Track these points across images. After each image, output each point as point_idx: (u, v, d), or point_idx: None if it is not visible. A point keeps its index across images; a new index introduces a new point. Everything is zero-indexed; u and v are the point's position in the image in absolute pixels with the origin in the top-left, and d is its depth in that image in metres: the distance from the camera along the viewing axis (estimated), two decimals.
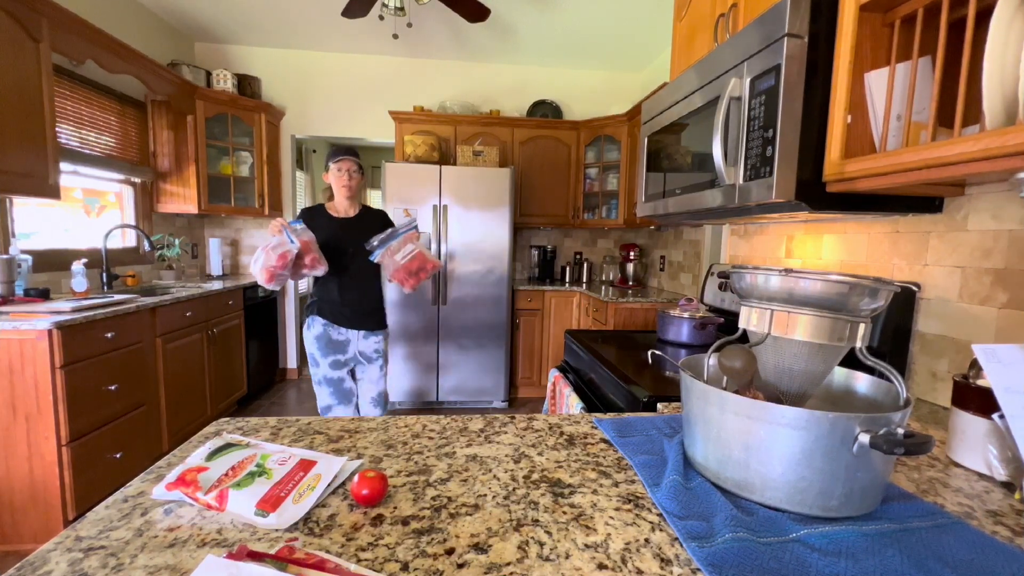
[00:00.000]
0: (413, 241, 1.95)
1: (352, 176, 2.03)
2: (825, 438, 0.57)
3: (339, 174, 2.01)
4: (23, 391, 1.82)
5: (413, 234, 1.97)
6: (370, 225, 2.05)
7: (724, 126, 1.13)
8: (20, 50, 2.01)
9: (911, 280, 1.16)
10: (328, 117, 4.05)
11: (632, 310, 3.02)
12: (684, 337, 1.72)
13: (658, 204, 1.59)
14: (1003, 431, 0.70)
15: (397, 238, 1.93)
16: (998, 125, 0.71)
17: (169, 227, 3.59)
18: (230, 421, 0.89)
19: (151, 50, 3.26)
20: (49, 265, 2.53)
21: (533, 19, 3.34)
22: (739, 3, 1.39)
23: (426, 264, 1.95)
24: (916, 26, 0.85)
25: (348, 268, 2.06)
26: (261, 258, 1.78)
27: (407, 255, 1.92)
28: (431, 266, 1.97)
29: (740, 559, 0.51)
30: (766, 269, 0.68)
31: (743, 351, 0.71)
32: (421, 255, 1.95)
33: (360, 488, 0.61)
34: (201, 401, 2.93)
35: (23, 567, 0.49)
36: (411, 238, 1.95)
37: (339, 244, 2.03)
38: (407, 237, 1.94)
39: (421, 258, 1.95)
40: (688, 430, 0.73)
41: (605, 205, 3.91)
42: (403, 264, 1.91)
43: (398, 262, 1.91)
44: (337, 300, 2.06)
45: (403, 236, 1.94)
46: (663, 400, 1.09)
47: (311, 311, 2.09)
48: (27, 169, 2.04)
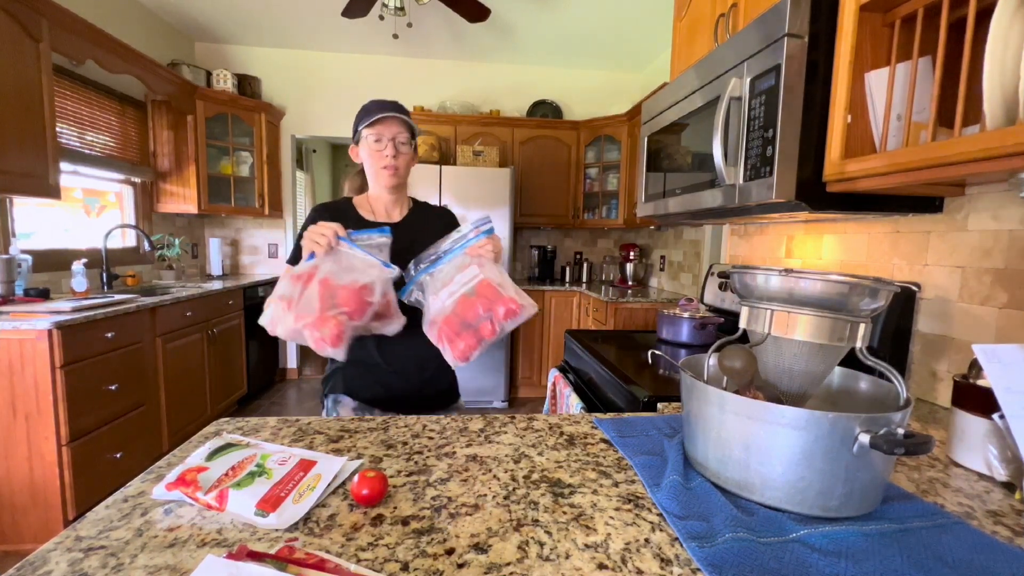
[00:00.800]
0: (480, 260, 1.00)
1: (399, 148, 1.18)
2: (825, 438, 0.57)
3: (376, 146, 1.17)
4: (23, 391, 1.82)
5: (481, 245, 1.00)
6: (428, 235, 1.13)
7: (724, 126, 1.13)
8: (20, 50, 2.01)
9: (911, 280, 1.16)
10: (328, 117, 4.05)
11: (632, 310, 3.02)
12: (684, 337, 1.72)
13: (658, 204, 1.59)
14: (1003, 431, 0.70)
15: (450, 256, 1.02)
16: (998, 125, 0.71)
17: (169, 227, 3.59)
18: (230, 421, 0.89)
19: (151, 50, 3.26)
20: (49, 265, 2.53)
21: (533, 19, 3.34)
22: (739, 3, 1.39)
23: (496, 305, 0.95)
24: (916, 26, 0.85)
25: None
26: (313, 300, 0.91)
27: (464, 286, 0.98)
28: (508, 310, 0.95)
29: (740, 559, 0.51)
30: (766, 269, 0.68)
31: (743, 351, 0.71)
32: (488, 287, 0.96)
33: (360, 488, 0.61)
34: (201, 401, 2.93)
35: (23, 567, 0.49)
36: (480, 253, 1.00)
37: None
38: (471, 251, 1.01)
39: (488, 293, 0.96)
40: (688, 430, 0.73)
41: (605, 205, 3.91)
42: (451, 307, 0.97)
43: (444, 304, 0.98)
44: (379, 363, 1.20)
45: (460, 251, 1.01)
46: (663, 400, 1.09)
47: (332, 386, 1.24)
48: (27, 169, 2.04)
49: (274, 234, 4.14)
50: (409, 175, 1.29)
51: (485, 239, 1.01)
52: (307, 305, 0.91)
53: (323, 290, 0.92)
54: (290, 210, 4.12)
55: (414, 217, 1.29)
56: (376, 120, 1.17)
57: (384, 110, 1.17)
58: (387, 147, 1.18)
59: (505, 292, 0.97)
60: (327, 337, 0.90)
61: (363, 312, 0.93)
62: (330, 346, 0.90)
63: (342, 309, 0.92)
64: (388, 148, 1.18)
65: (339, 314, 0.91)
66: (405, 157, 1.22)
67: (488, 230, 1.03)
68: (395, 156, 1.19)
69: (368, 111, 1.20)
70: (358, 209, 1.26)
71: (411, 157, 1.25)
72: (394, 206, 1.28)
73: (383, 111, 1.17)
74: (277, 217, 4.05)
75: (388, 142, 1.18)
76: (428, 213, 1.33)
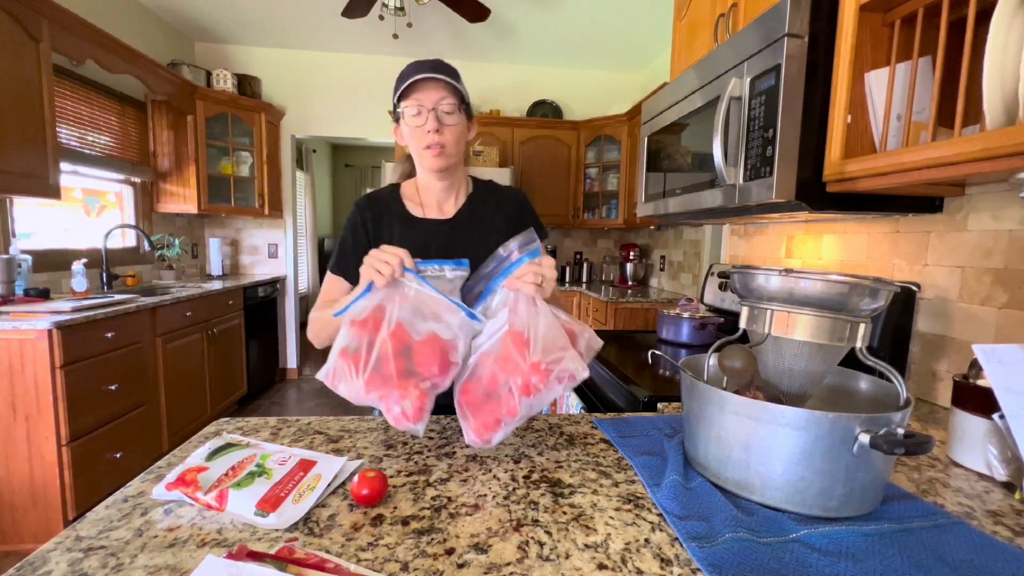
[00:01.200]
0: (516, 297, 0.76)
1: (444, 119, 0.92)
2: (825, 438, 0.57)
3: (415, 120, 0.92)
4: (23, 391, 1.82)
5: (520, 275, 0.75)
6: (486, 235, 1.00)
7: (724, 126, 1.13)
8: (20, 50, 2.01)
9: (911, 280, 1.16)
10: (328, 117, 4.05)
11: (632, 310, 3.02)
12: (684, 337, 1.72)
13: (658, 204, 1.59)
14: (1003, 431, 0.70)
15: (492, 285, 0.80)
16: (998, 125, 0.71)
17: (169, 227, 3.59)
18: (230, 421, 0.89)
19: (151, 50, 3.26)
20: (49, 265, 2.53)
21: (533, 19, 3.34)
22: (739, 3, 1.39)
23: (514, 374, 0.71)
24: (916, 26, 0.85)
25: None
26: (386, 359, 0.72)
27: (489, 339, 0.76)
28: (524, 384, 0.70)
29: (740, 559, 0.51)
30: (766, 269, 0.68)
31: (743, 351, 0.71)
32: (516, 341, 0.73)
33: (360, 488, 0.61)
34: (201, 401, 2.93)
35: (23, 567, 0.49)
36: (517, 287, 0.75)
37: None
38: (509, 283, 0.76)
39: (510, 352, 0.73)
40: (688, 430, 0.73)
41: (605, 205, 3.91)
42: (472, 367, 0.77)
43: (479, 350, 0.77)
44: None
45: (501, 280, 0.78)
46: (663, 400, 1.09)
47: None
48: (27, 169, 2.04)
49: (274, 234, 4.14)
50: (465, 151, 1.02)
51: (528, 264, 0.74)
52: (379, 366, 0.71)
53: (396, 345, 0.72)
54: (290, 210, 4.12)
55: (472, 209, 1.04)
56: (411, 86, 0.89)
57: (421, 71, 0.89)
58: (428, 120, 0.91)
59: (530, 353, 0.70)
60: (409, 412, 0.71)
61: (446, 374, 0.74)
62: (411, 422, 0.72)
63: (424, 375, 0.72)
64: (429, 121, 0.91)
65: (422, 381, 0.72)
66: (453, 130, 0.94)
67: (533, 251, 0.76)
68: (438, 130, 0.92)
69: (403, 76, 0.93)
70: (405, 202, 1.04)
71: (463, 128, 0.97)
72: (447, 195, 1.03)
73: (419, 72, 0.89)
74: (277, 217, 4.05)
75: (428, 113, 0.91)
76: (489, 201, 1.06)
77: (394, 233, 1.02)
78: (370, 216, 1.02)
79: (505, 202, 1.08)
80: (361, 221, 1.02)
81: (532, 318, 0.73)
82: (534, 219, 1.08)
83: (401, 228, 1.02)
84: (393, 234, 1.02)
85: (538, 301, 0.75)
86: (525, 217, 1.08)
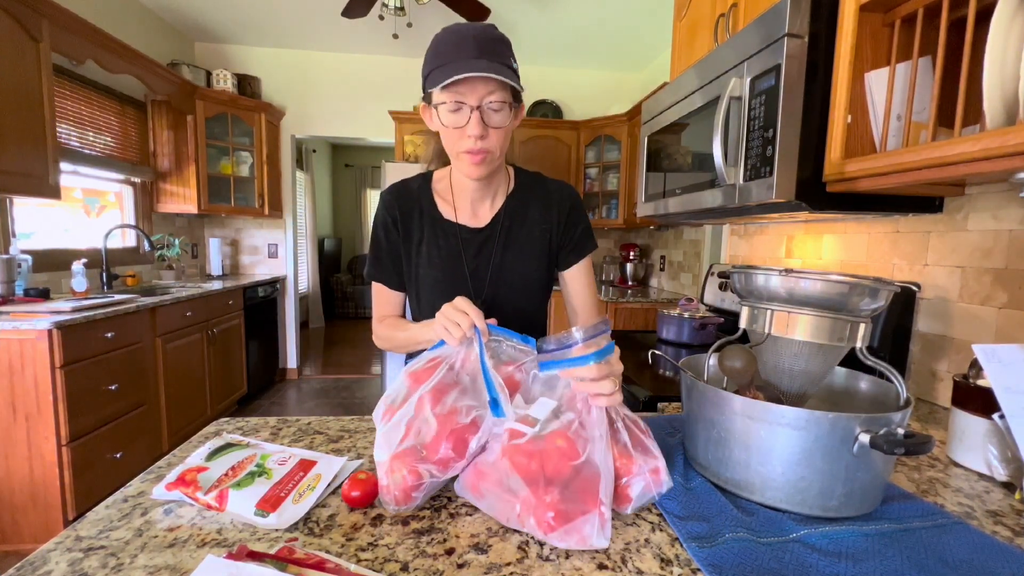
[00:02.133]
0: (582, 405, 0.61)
1: (491, 120, 0.78)
2: (825, 438, 0.57)
3: (454, 118, 0.78)
4: (23, 391, 1.82)
5: (596, 376, 0.59)
6: (523, 248, 0.94)
7: (724, 126, 1.13)
8: (20, 50, 2.01)
9: (911, 280, 1.16)
10: (328, 117, 4.05)
11: (632, 310, 3.02)
12: (684, 337, 1.72)
13: (658, 204, 1.59)
14: (1003, 431, 0.70)
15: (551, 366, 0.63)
16: (998, 125, 0.71)
17: (169, 227, 3.59)
18: (230, 421, 0.89)
19: (151, 50, 3.26)
20: (49, 265, 2.53)
21: (533, 19, 3.34)
22: (739, 3, 1.39)
23: (578, 534, 0.53)
24: (916, 26, 0.85)
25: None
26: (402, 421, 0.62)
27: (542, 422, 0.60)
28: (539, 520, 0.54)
29: (740, 559, 0.51)
30: (766, 269, 0.68)
31: (743, 351, 0.71)
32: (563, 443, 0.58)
33: (350, 490, 0.60)
34: (201, 401, 2.93)
35: (23, 567, 0.49)
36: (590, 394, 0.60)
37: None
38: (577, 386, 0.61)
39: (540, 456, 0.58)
40: (688, 430, 0.73)
41: (605, 205, 3.91)
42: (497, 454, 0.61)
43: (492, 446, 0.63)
44: None
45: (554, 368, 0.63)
46: (663, 400, 1.09)
47: None
48: (27, 169, 2.04)
49: (274, 234, 4.14)
50: (510, 143, 0.87)
51: (600, 367, 0.59)
52: (394, 428, 0.61)
53: (419, 408, 0.62)
54: (290, 210, 4.12)
55: (510, 215, 0.92)
56: (450, 63, 0.74)
57: (468, 64, 0.72)
58: (471, 122, 0.76)
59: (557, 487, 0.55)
60: (394, 489, 0.59)
61: (448, 465, 0.61)
62: (394, 503, 0.59)
63: (428, 455, 0.60)
64: (472, 124, 0.76)
65: (421, 462, 0.60)
66: (500, 133, 0.79)
67: (605, 349, 0.61)
68: (482, 137, 0.77)
69: (440, 57, 0.76)
70: (436, 199, 0.93)
71: (509, 127, 0.82)
72: (483, 196, 0.92)
73: (466, 67, 0.72)
74: (277, 217, 4.05)
75: (473, 113, 0.75)
76: (533, 203, 0.94)
77: (424, 237, 0.94)
78: (399, 215, 0.94)
79: (551, 204, 0.95)
80: (392, 221, 0.95)
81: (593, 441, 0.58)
82: (584, 228, 0.98)
83: (431, 232, 0.93)
84: (423, 238, 0.94)
85: (604, 425, 0.59)
86: (574, 224, 0.95)
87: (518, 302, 0.96)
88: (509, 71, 0.77)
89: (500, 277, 0.94)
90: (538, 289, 0.99)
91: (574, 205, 0.98)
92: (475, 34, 0.76)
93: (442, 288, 0.93)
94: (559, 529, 0.52)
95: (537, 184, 0.97)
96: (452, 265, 0.93)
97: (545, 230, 0.96)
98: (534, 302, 0.99)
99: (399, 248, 0.96)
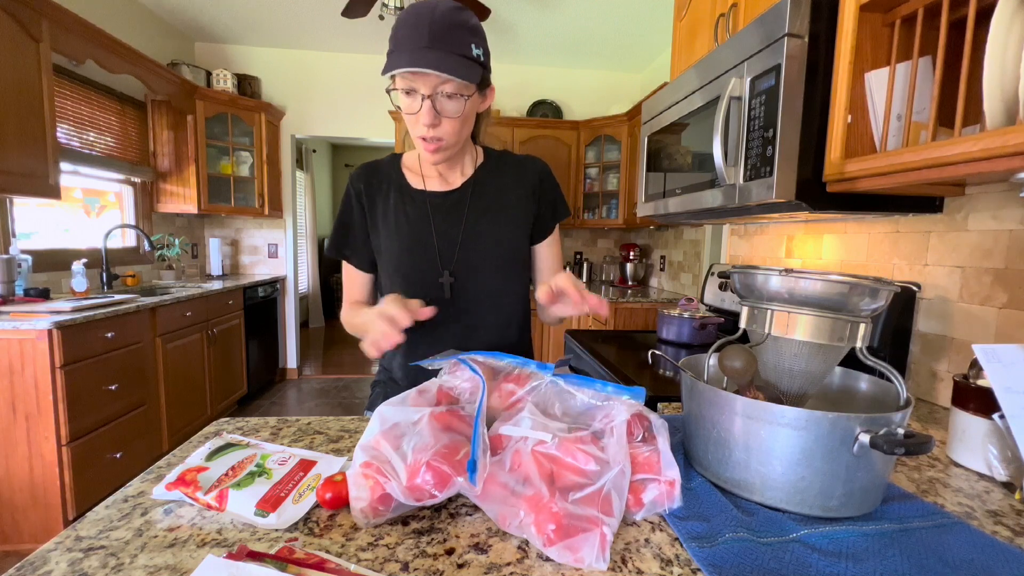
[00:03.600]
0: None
1: (443, 108, 0.77)
2: (825, 438, 0.57)
3: (407, 102, 0.78)
4: (23, 391, 1.82)
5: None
6: (507, 207, 0.93)
7: (724, 126, 1.13)
8: (20, 50, 2.01)
9: (911, 280, 1.16)
10: (328, 117, 4.05)
11: (632, 310, 3.02)
12: (684, 337, 1.72)
13: (658, 204, 1.59)
14: (1003, 431, 0.70)
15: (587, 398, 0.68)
16: (998, 125, 0.71)
17: (169, 227, 3.59)
18: (230, 421, 0.89)
19: (151, 50, 3.26)
20: (49, 265, 2.53)
21: (533, 19, 3.34)
22: (739, 3, 1.39)
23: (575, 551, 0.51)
24: (916, 26, 0.85)
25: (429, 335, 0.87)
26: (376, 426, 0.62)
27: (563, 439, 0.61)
28: (574, 559, 0.51)
29: (740, 559, 0.51)
30: (766, 269, 0.68)
31: (743, 351, 0.71)
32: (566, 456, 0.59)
33: (324, 492, 0.59)
34: (201, 401, 2.93)
35: (23, 567, 0.49)
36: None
37: (422, 275, 0.90)
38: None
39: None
40: (688, 430, 0.73)
41: (605, 205, 3.91)
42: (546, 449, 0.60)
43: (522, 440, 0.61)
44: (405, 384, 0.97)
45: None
46: (663, 400, 1.09)
47: (372, 402, 1.06)
48: (27, 169, 2.04)
49: (274, 234, 4.14)
50: (474, 129, 0.91)
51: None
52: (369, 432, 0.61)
53: (425, 425, 0.61)
54: (290, 210, 4.12)
55: (484, 179, 0.93)
56: (397, 52, 0.74)
57: (416, 55, 0.71)
58: (424, 112, 0.75)
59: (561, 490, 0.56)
60: (362, 501, 0.56)
61: (422, 496, 0.56)
62: (361, 514, 0.56)
63: (406, 477, 0.56)
64: (424, 112, 0.75)
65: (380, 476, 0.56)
66: (454, 122, 0.78)
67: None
68: (433, 125, 0.77)
69: (395, 41, 0.74)
70: (404, 171, 0.93)
71: (470, 111, 0.81)
72: (450, 168, 0.93)
73: (412, 60, 0.71)
74: (277, 217, 4.05)
75: (425, 101, 0.75)
76: (506, 172, 0.94)
77: (389, 205, 0.91)
78: (363, 187, 0.93)
79: (526, 172, 0.96)
80: (355, 194, 0.94)
81: (611, 459, 0.58)
82: (558, 194, 0.99)
83: (397, 200, 0.92)
84: (388, 206, 0.91)
85: (624, 446, 0.59)
86: (548, 191, 0.97)
87: (493, 281, 0.92)
88: (465, 61, 0.75)
89: (473, 244, 0.90)
90: (514, 262, 0.95)
91: (546, 173, 0.98)
92: (431, 20, 0.73)
93: (408, 259, 0.91)
94: (558, 544, 0.51)
95: (507, 159, 0.98)
96: (418, 231, 0.90)
97: (521, 196, 0.95)
98: (511, 281, 0.95)
99: (366, 223, 0.94)
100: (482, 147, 0.98)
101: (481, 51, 0.78)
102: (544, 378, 0.70)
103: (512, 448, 0.61)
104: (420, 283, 0.90)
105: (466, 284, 0.91)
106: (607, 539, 0.51)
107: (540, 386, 0.69)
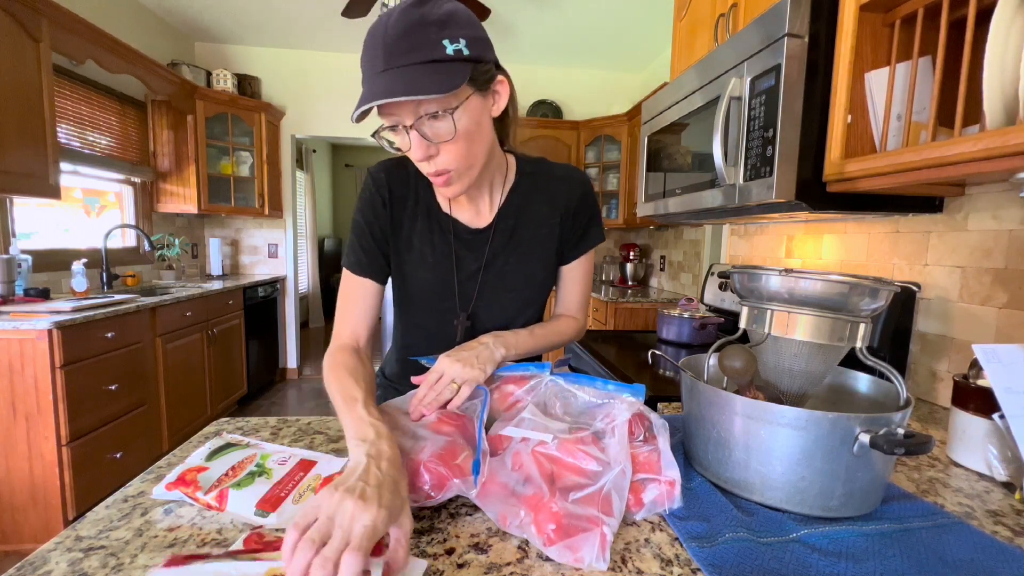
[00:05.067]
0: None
1: (435, 139, 0.66)
2: (825, 438, 0.57)
3: (398, 138, 0.70)
4: (23, 391, 1.82)
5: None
6: (539, 242, 0.86)
7: (724, 126, 1.13)
8: (20, 50, 2.01)
9: (911, 280, 1.16)
10: (328, 117, 4.05)
11: (632, 310, 3.02)
12: (684, 337, 1.72)
13: (658, 204, 1.59)
14: (1003, 431, 0.70)
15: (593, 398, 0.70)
16: (998, 125, 0.71)
17: (169, 227, 3.59)
18: (230, 421, 0.89)
19: (151, 50, 3.26)
20: (49, 265, 2.53)
21: (533, 18, 3.34)
22: (739, 3, 1.39)
23: (573, 551, 0.51)
24: (916, 26, 0.85)
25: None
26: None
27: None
28: (574, 558, 0.50)
29: (740, 559, 0.51)
30: (766, 269, 0.68)
31: (743, 351, 0.71)
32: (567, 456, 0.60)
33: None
34: (201, 401, 2.93)
35: (23, 567, 0.49)
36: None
37: (438, 315, 0.86)
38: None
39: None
40: (688, 430, 0.73)
41: (605, 205, 3.91)
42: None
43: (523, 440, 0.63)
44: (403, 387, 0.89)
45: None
46: (663, 400, 1.09)
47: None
48: (27, 169, 2.04)
49: (274, 234, 4.14)
50: (501, 133, 0.79)
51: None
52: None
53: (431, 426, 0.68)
54: (290, 210, 4.12)
55: (516, 210, 0.83)
56: (371, 86, 0.63)
57: (372, 84, 0.63)
58: (414, 147, 0.66)
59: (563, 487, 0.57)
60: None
61: (444, 487, 0.58)
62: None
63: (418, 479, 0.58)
64: (415, 148, 0.66)
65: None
66: (454, 147, 0.67)
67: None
68: (429, 156, 0.67)
69: (362, 70, 0.65)
70: (437, 191, 0.81)
71: (474, 124, 0.68)
72: (479, 195, 0.81)
73: (370, 91, 0.62)
74: (277, 217, 4.05)
75: (411, 133, 0.66)
76: (539, 194, 0.83)
77: (415, 228, 0.80)
78: (388, 196, 0.79)
79: (559, 195, 0.84)
80: (383, 202, 0.80)
81: (611, 460, 0.59)
82: (592, 217, 0.88)
83: (424, 224, 0.81)
84: (414, 229, 0.80)
85: (626, 447, 0.60)
86: (583, 215, 0.85)
87: (508, 312, 0.87)
88: (438, 66, 0.60)
89: (496, 284, 0.83)
90: (539, 296, 0.90)
91: (585, 192, 0.87)
92: (384, 35, 0.60)
93: (423, 301, 0.85)
94: (558, 544, 0.51)
95: (541, 173, 0.85)
96: (442, 268, 0.82)
97: (553, 225, 0.85)
98: (529, 306, 0.90)
99: (387, 238, 0.82)
100: (515, 156, 0.85)
101: (462, 43, 0.62)
102: (543, 377, 0.71)
103: (513, 448, 0.62)
104: (432, 322, 0.86)
105: (480, 320, 0.86)
106: (607, 539, 0.51)
107: (539, 386, 0.71)
